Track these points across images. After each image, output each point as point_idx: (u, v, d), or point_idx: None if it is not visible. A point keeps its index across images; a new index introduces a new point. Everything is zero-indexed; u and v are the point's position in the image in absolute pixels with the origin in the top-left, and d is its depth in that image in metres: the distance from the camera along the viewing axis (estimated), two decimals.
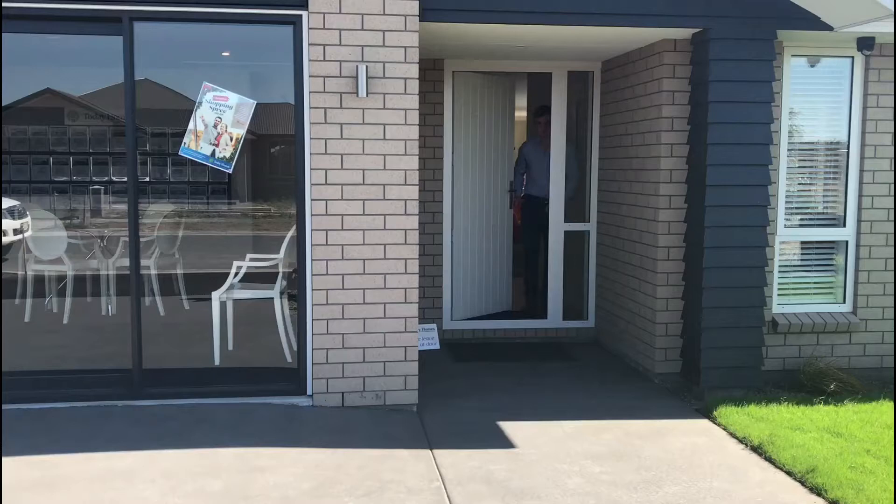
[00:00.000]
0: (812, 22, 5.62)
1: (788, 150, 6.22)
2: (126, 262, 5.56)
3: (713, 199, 5.73)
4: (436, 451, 4.73)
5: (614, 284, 7.09)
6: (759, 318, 5.86)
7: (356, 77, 5.22)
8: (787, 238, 6.30)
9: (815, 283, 6.42)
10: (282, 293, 5.99)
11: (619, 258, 6.95)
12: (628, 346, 6.81)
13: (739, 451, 4.84)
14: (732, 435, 5.08)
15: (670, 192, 6.08)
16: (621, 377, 6.46)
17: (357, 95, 5.24)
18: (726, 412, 5.35)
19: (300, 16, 5.24)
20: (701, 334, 5.81)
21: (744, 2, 5.61)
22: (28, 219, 6.76)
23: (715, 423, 5.30)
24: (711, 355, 5.82)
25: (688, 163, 6.02)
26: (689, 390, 6.00)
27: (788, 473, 4.48)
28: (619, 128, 6.96)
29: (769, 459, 4.67)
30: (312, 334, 5.40)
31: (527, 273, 8.60)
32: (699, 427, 5.26)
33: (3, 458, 4.45)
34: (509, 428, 5.15)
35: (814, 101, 6.29)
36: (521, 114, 10.49)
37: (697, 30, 5.74)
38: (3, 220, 6.92)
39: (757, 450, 4.81)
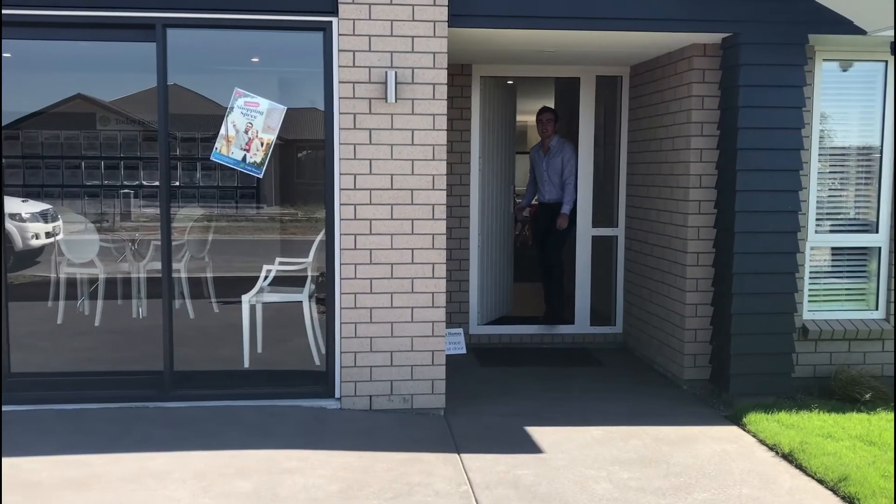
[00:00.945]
0: (845, 26, 5.57)
1: (819, 154, 6.17)
2: (156, 265, 5.63)
3: (743, 204, 5.69)
4: (463, 455, 4.73)
5: (642, 290, 7.06)
6: (790, 325, 5.81)
7: (385, 83, 5.25)
8: (817, 244, 6.24)
9: (846, 289, 6.34)
10: (310, 297, 6.03)
11: (648, 263, 6.91)
12: (656, 352, 6.77)
13: (769, 459, 4.79)
14: (762, 442, 5.04)
15: (699, 198, 6.04)
16: (649, 383, 6.42)
17: (386, 101, 5.27)
18: (756, 419, 5.31)
19: (330, 22, 5.29)
20: (730, 340, 5.77)
21: (775, 6, 5.58)
22: (60, 222, 6.86)
23: (744, 430, 5.26)
24: (741, 362, 5.77)
25: (717, 168, 5.98)
26: (718, 397, 5.95)
27: (820, 482, 4.43)
28: (647, 132, 6.93)
29: (800, 467, 4.63)
30: (341, 337, 5.44)
31: (543, 280, 8.15)
32: (728, 434, 5.21)
33: (39, 457, 4.52)
34: (536, 433, 5.15)
35: (846, 106, 6.22)
36: None
37: (727, 34, 5.70)
38: (36, 224, 7.03)
39: (787, 457, 4.77)
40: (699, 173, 6.03)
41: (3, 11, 5.11)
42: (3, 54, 5.26)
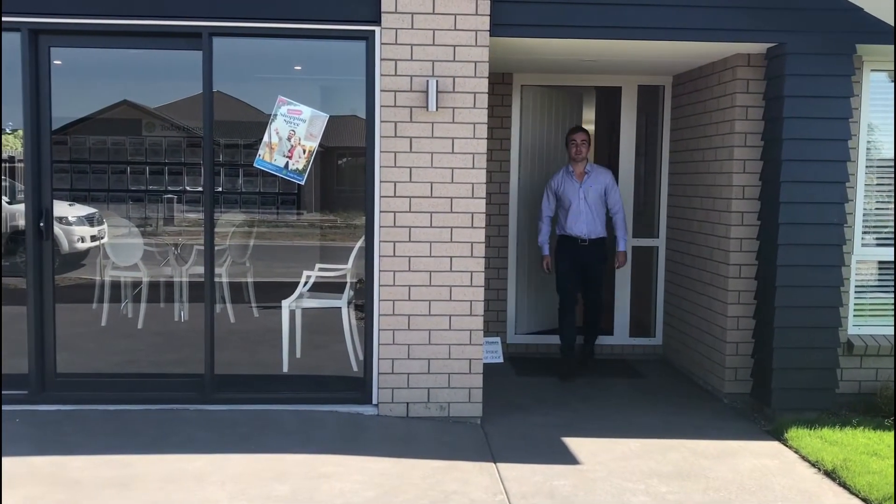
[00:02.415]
0: (893, 36, 5.47)
1: (867, 166, 6.05)
2: (199, 269, 5.72)
3: (787, 216, 5.61)
4: (499, 465, 4.72)
5: (683, 301, 6.99)
6: (834, 339, 5.70)
7: (426, 91, 5.28)
8: (863, 257, 6.12)
9: (893, 304, 6.21)
10: (349, 303, 6.07)
11: (689, 275, 6.84)
12: (696, 365, 6.69)
13: (812, 476, 4.70)
14: (804, 458, 4.95)
15: (742, 209, 5.97)
16: (688, 396, 6.34)
17: (427, 109, 5.30)
18: (798, 435, 5.21)
19: (373, 31, 5.33)
20: (772, 354, 5.68)
21: (822, 16, 5.50)
22: (105, 226, 6.99)
23: (786, 446, 5.17)
24: (783, 376, 5.68)
25: (761, 179, 5.90)
26: (759, 411, 5.86)
27: (864, 500, 4.33)
28: (689, 143, 6.87)
29: (843, 485, 4.53)
30: (379, 344, 5.46)
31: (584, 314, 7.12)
32: (769, 449, 5.13)
33: (83, 456, 4.61)
34: (574, 443, 5.11)
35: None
36: (589, 128, 10.44)
37: (773, 44, 5.63)
38: (82, 227, 7.18)
39: (830, 475, 4.67)
40: (742, 184, 5.96)
41: (54, 20, 5.24)
42: (54, 62, 5.38)
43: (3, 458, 4.54)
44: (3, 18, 5.22)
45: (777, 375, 5.68)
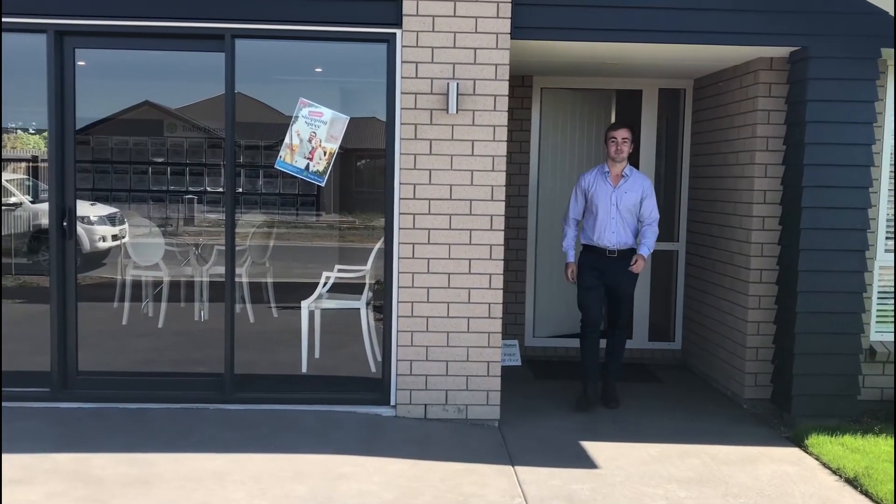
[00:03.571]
0: None
1: (892, 172, 6.00)
2: (219, 269, 5.76)
3: (809, 221, 5.57)
4: (517, 468, 4.71)
5: (703, 306, 6.95)
6: (856, 346, 5.65)
7: (447, 94, 5.29)
8: (887, 263, 6.06)
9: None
10: (367, 304, 6.09)
11: (709, 279, 6.80)
12: (716, 370, 6.65)
13: (833, 483, 4.66)
14: (825, 465, 4.91)
15: (763, 214, 5.93)
16: (708, 401, 6.31)
17: (447, 112, 5.30)
18: (819, 441, 5.17)
19: (394, 34, 5.35)
20: (793, 360, 5.63)
21: (845, 19, 5.46)
22: (126, 225, 7.05)
23: (806, 453, 5.13)
24: (804, 382, 5.64)
25: (783, 184, 5.86)
26: (780, 417, 5.82)
27: None
28: (710, 146, 6.83)
29: (865, 493, 4.49)
30: (397, 345, 5.47)
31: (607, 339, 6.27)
32: (790, 455, 5.09)
33: (104, 454, 4.65)
34: (592, 448, 5.10)
35: None
36: None
37: (795, 48, 5.60)
38: (103, 227, 7.24)
39: (852, 482, 4.63)
40: (763, 189, 5.92)
41: (80, 22, 5.29)
42: (78, 63, 5.44)
43: (27, 455, 4.59)
44: (30, 20, 5.27)
45: (798, 381, 5.64)
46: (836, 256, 5.59)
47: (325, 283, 6.08)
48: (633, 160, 7.69)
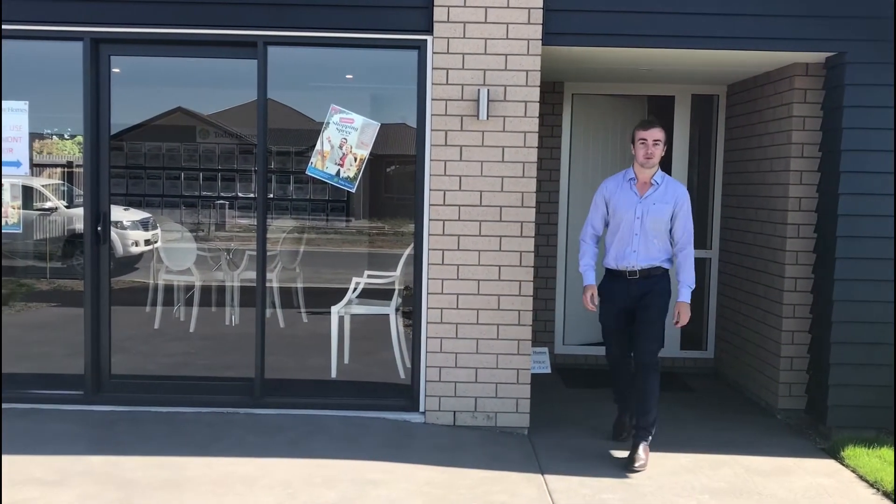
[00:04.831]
0: None
1: None
2: (250, 274, 5.79)
3: (845, 229, 5.47)
4: (547, 476, 4.68)
5: (736, 314, 6.86)
6: (893, 356, 5.54)
7: (477, 100, 5.28)
8: None
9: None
10: (397, 310, 6.09)
11: (743, 287, 6.72)
12: (749, 379, 6.56)
13: (870, 496, 4.57)
14: (862, 478, 4.81)
15: (799, 221, 5.85)
16: (741, 411, 6.22)
17: (478, 118, 5.30)
18: (855, 453, 5.07)
19: (425, 41, 5.35)
20: (829, 370, 5.54)
21: (883, 25, 5.36)
22: (159, 230, 7.13)
23: (842, 465, 5.03)
24: (839, 393, 5.54)
25: (818, 191, 5.77)
26: (814, 428, 5.72)
27: None
28: (744, 153, 6.75)
29: None
30: (426, 352, 5.46)
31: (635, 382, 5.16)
32: (825, 467, 5.00)
33: (136, 457, 4.70)
34: (623, 457, 5.04)
35: None
36: None
37: (832, 54, 5.51)
38: (136, 232, 7.33)
39: (890, 496, 4.53)
40: (798, 196, 5.84)
41: (115, 30, 5.36)
42: (112, 69, 5.51)
43: (61, 457, 4.65)
44: (67, 28, 5.36)
45: (833, 392, 5.54)
46: (872, 265, 5.49)
47: (354, 289, 6.10)
48: (666, 167, 7.63)
